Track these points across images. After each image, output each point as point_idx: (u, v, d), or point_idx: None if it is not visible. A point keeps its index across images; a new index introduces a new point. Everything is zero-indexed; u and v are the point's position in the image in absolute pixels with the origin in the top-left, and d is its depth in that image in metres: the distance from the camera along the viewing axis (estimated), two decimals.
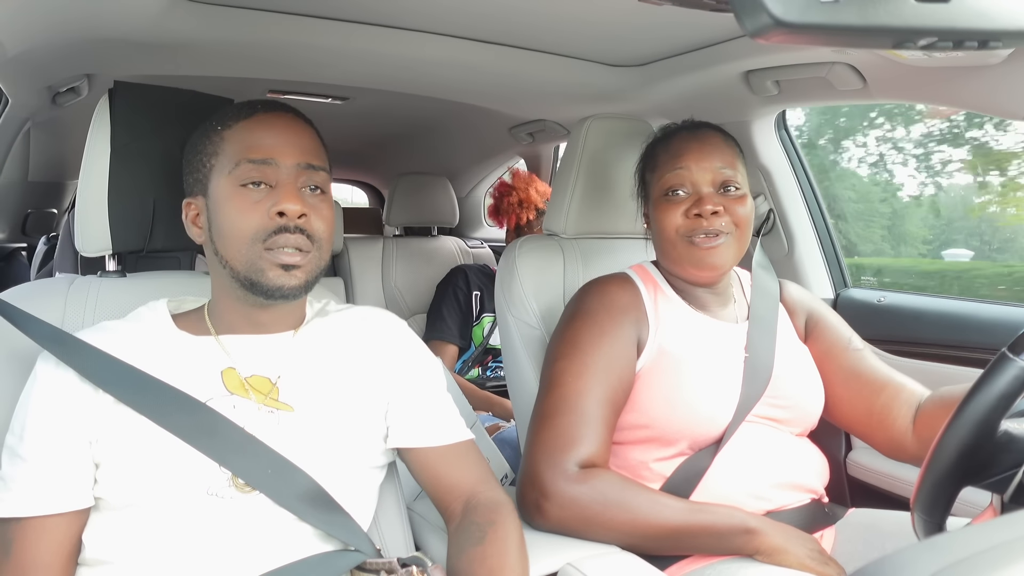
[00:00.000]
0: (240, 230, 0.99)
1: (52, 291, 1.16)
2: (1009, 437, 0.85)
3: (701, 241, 1.26)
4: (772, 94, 1.75)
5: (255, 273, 0.99)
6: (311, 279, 1.03)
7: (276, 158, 1.01)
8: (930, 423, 1.24)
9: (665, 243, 1.31)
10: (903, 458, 1.30)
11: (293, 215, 0.99)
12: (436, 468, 1.11)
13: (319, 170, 1.05)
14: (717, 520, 1.15)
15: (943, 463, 0.85)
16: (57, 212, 3.73)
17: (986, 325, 1.63)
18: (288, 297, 1.02)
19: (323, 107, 2.61)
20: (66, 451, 0.93)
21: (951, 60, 1.35)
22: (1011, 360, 0.83)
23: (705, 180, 1.28)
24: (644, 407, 1.24)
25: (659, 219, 1.30)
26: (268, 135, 1.02)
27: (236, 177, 1.00)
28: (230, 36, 1.49)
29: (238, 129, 1.03)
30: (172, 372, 0.98)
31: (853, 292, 1.99)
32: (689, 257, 1.28)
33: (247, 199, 1.00)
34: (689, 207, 1.27)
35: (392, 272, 3.03)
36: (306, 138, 1.05)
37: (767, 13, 0.42)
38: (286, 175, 1.01)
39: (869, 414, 1.32)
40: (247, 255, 0.99)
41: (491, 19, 1.54)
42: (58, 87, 1.70)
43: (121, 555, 0.94)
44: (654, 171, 1.34)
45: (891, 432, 1.29)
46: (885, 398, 1.30)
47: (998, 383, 0.83)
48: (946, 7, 0.45)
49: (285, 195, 0.99)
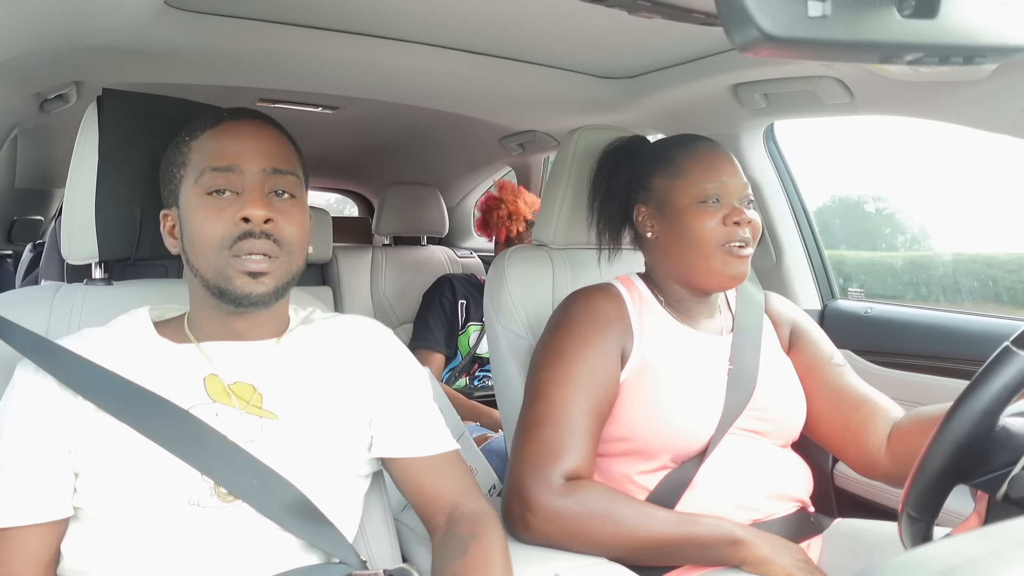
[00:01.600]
0: (207, 237, 0.99)
1: (37, 299, 1.15)
2: (1007, 433, 0.84)
3: (736, 249, 1.26)
4: (760, 107, 1.76)
5: (223, 281, 0.98)
6: (280, 286, 1.02)
7: (240, 164, 1.00)
8: (904, 441, 1.24)
9: (693, 251, 1.28)
10: (874, 475, 1.30)
11: (258, 220, 0.98)
12: (420, 479, 1.10)
13: (287, 174, 1.03)
14: (704, 531, 1.14)
15: (939, 457, 0.84)
16: (44, 219, 3.70)
17: (972, 337, 1.64)
18: (258, 304, 1.01)
19: (313, 116, 2.61)
20: (45, 460, 0.92)
21: (937, 75, 1.37)
22: (1015, 353, 0.82)
23: (738, 191, 1.28)
24: (626, 419, 1.24)
25: (691, 225, 1.27)
26: (232, 142, 1.02)
27: (201, 186, 1.00)
28: (219, 45, 1.49)
29: (203, 139, 1.03)
30: (154, 379, 0.98)
31: (840, 304, 2.00)
32: (723, 266, 1.26)
33: (213, 207, 0.99)
34: (727, 215, 1.26)
35: (381, 281, 3.02)
36: (272, 143, 1.04)
37: (756, 27, 0.42)
38: (251, 181, 1.00)
39: (845, 429, 1.32)
40: (215, 262, 0.98)
41: (482, 30, 1.54)
42: (46, 94, 1.69)
43: (100, 565, 0.93)
44: (678, 177, 1.30)
45: (864, 448, 1.29)
46: (863, 414, 1.31)
47: (1001, 376, 0.82)
48: (932, 23, 0.45)
49: (250, 201, 0.98)
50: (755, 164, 1.98)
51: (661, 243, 1.35)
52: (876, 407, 1.31)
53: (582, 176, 1.55)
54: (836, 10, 0.43)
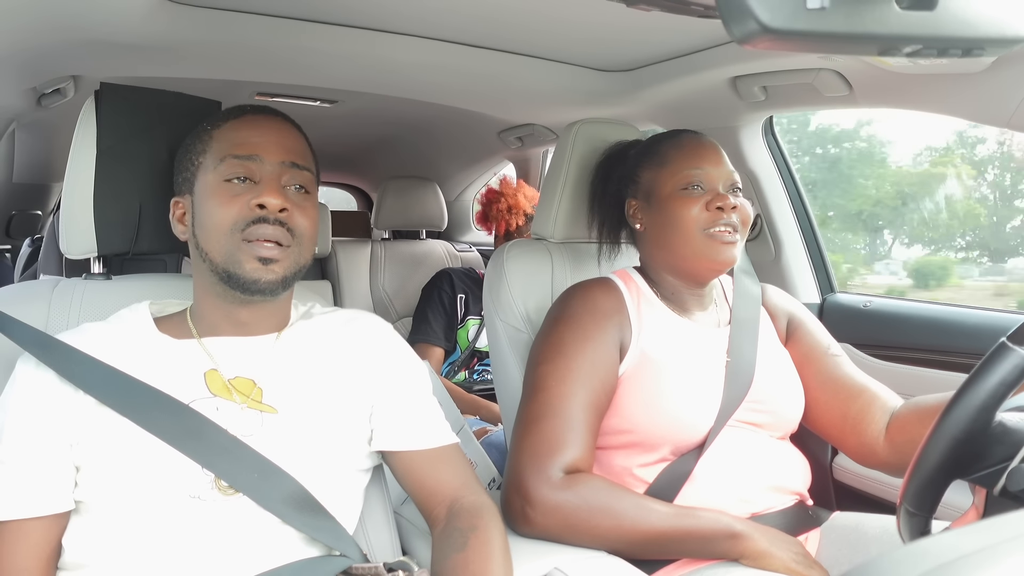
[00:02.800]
0: (220, 220, 1.00)
1: (36, 293, 1.15)
2: (1004, 428, 0.84)
3: (720, 234, 1.26)
4: (759, 100, 1.76)
5: (233, 265, 0.99)
6: (289, 275, 1.03)
7: (261, 154, 1.02)
8: (903, 430, 1.25)
9: (678, 237, 1.28)
10: (873, 464, 1.31)
11: (274, 209, 0.99)
12: (419, 472, 1.11)
13: (304, 170, 1.05)
14: (702, 525, 1.15)
15: (936, 452, 0.84)
16: (42, 214, 3.70)
17: (970, 330, 1.64)
18: (265, 292, 1.01)
19: (311, 110, 2.60)
20: (46, 453, 0.93)
21: (936, 67, 1.37)
22: (1011, 349, 0.82)
23: (721, 179, 1.29)
24: (626, 412, 1.24)
25: (674, 212, 1.28)
26: (255, 133, 1.04)
27: (220, 173, 1.02)
28: (217, 38, 1.48)
29: (226, 128, 1.05)
30: (154, 374, 0.98)
31: (839, 297, 2.00)
32: (707, 250, 1.26)
33: (229, 192, 1.01)
34: (710, 200, 1.27)
35: (380, 275, 3.02)
36: (292, 139, 1.07)
37: (754, 19, 0.42)
38: (269, 172, 1.02)
39: (843, 419, 1.32)
40: (226, 245, 0.99)
41: (480, 23, 1.54)
42: (44, 88, 1.69)
43: (101, 559, 0.93)
44: (662, 167, 1.32)
45: (863, 438, 1.29)
46: (860, 404, 1.31)
47: (997, 372, 0.82)
48: (931, 15, 0.45)
49: (267, 190, 1.00)
50: (754, 157, 1.97)
51: (649, 234, 1.36)
52: (874, 396, 1.31)
53: (581, 170, 1.55)
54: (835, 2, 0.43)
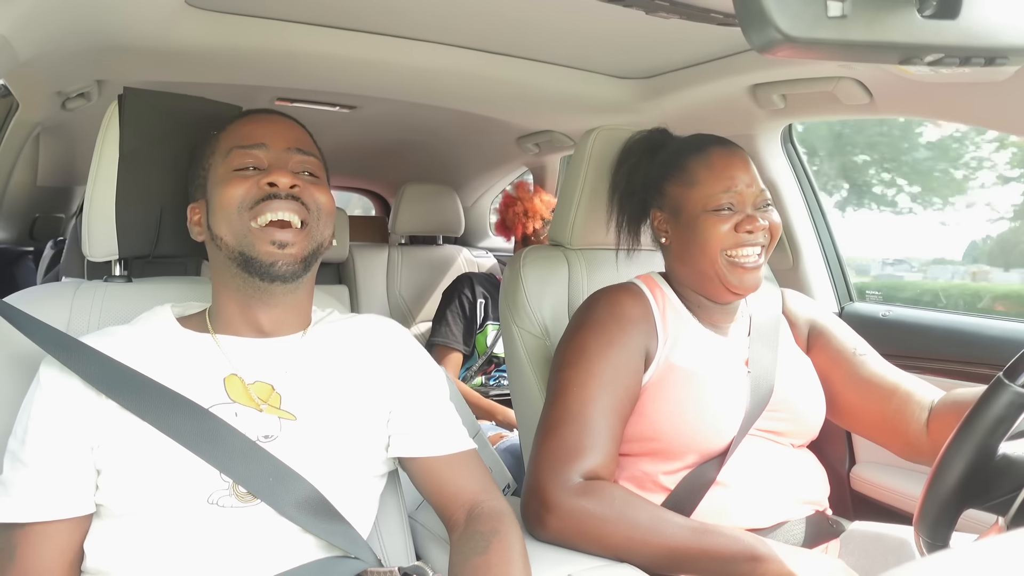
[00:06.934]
0: (229, 199, 1.01)
1: (58, 295, 1.16)
2: (1008, 461, 0.85)
3: (744, 260, 1.25)
4: (778, 108, 1.75)
5: (247, 247, 0.99)
6: (307, 255, 1.02)
7: (266, 143, 1.05)
8: (944, 425, 1.23)
9: (703, 258, 1.27)
10: (921, 459, 1.29)
11: (284, 186, 1.01)
12: (438, 477, 1.11)
13: (309, 155, 1.08)
14: (721, 544, 1.12)
15: (944, 487, 0.85)
16: (65, 217, 3.74)
17: (991, 341, 1.62)
18: (286, 277, 1.01)
19: (330, 115, 2.62)
20: (67, 456, 0.93)
21: (958, 76, 1.35)
22: (1006, 386, 0.84)
23: (751, 198, 1.27)
24: (652, 420, 1.23)
25: (701, 233, 1.26)
26: (258, 126, 1.08)
27: (228, 164, 1.04)
28: (238, 44, 1.50)
29: (230, 129, 1.09)
30: (176, 377, 0.98)
31: (858, 306, 1.98)
32: (730, 276, 1.25)
33: (239, 177, 1.03)
34: (739, 222, 1.25)
35: (397, 280, 3.03)
36: (295, 130, 1.11)
37: (775, 28, 0.42)
38: (277, 156, 1.05)
39: (883, 421, 1.31)
40: (236, 224, 1.00)
41: (500, 31, 1.54)
42: (68, 92, 1.71)
43: (121, 564, 0.93)
44: (691, 187, 1.29)
45: (906, 436, 1.28)
46: (897, 402, 1.30)
47: (994, 408, 0.84)
48: (953, 24, 0.45)
49: (276, 171, 1.02)
50: (772, 165, 1.96)
51: (675, 249, 1.34)
52: (909, 395, 1.30)
53: (598, 176, 1.54)
54: (855, 10, 0.43)
